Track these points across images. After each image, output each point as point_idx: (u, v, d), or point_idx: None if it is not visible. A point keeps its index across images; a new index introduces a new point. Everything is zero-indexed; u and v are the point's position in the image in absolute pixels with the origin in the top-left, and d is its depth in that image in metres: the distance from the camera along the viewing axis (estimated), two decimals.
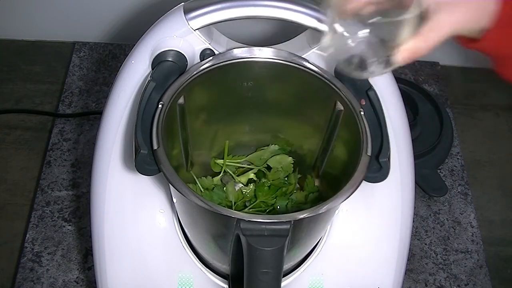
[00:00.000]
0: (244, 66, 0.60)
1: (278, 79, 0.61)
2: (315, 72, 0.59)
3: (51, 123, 1.04)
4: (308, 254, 0.65)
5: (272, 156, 0.69)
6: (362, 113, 0.56)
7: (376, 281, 0.66)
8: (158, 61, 0.60)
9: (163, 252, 0.65)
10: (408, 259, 0.78)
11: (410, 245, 0.69)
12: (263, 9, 0.59)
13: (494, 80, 0.57)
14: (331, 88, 0.58)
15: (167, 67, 0.59)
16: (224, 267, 0.64)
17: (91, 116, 1.05)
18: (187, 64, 0.60)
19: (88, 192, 0.66)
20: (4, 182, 0.97)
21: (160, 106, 0.55)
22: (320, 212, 0.50)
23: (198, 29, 0.60)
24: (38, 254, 0.88)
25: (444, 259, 0.93)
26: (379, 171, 0.53)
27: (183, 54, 0.60)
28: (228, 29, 0.64)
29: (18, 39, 1.16)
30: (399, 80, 0.64)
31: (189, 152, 0.66)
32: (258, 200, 0.67)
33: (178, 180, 0.51)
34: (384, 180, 0.54)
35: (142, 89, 0.56)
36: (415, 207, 0.81)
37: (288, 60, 0.59)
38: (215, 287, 0.66)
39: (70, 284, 0.86)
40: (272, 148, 0.69)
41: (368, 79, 0.58)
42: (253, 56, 0.60)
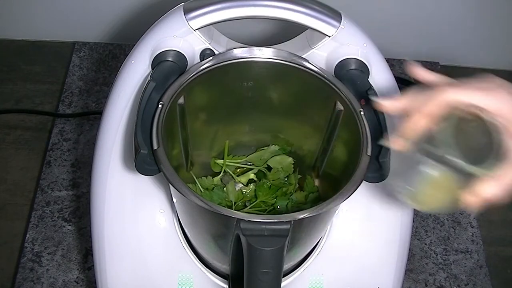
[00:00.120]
0: (244, 66, 0.60)
1: (278, 79, 0.61)
2: (315, 72, 0.59)
3: (51, 123, 1.04)
4: (308, 254, 0.65)
5: (272, 157, 0.69)
6: (362, 113, 0.56)
7: (376, 281, 0.66)
8: (158, 61, 0.60)
9: (163, 252, 0.65)
10: (408, 259, 0.79)
11: (410, 245, 0.69)
12: (263, 9, 0.59)
13: None
14: (331, 88, 0.58)
15: (167, 67, 0.59)
16: (224, 267, 0.63)
17: (91, 116, 1.05)
18: (187, 64, 0.60)
19: (88, 192, 0.66)
20: (4, 182, 0.97)
21: (160, 106, 0.55)
22: (320, 212, 0.50)
23: (198, 29, 0.59)
24: (38, 254, 0.88)
25: (444, 259, 0.93)
26: (379, 171, 0.53)
27: (183, 54, 0.60)
28: (228, 29, 0.64)
29: (18, 39, 1.16)
30: (398, 80, 0.64)
31: (189, 152, 0.66)
32: (258, 200, 0.67)
33: (178, 180, 0.51)
34: (384, 180, 0.54)
35: (142, 89, 0.56)
36: None
37: (288, 60, 0.59)
38: (215, 287, 0.66)
39: (70, 284, 0.86)
40: (272, 148, 0.69)
41: (370, 82, 0.59)
42: (253, 56, 0.60)
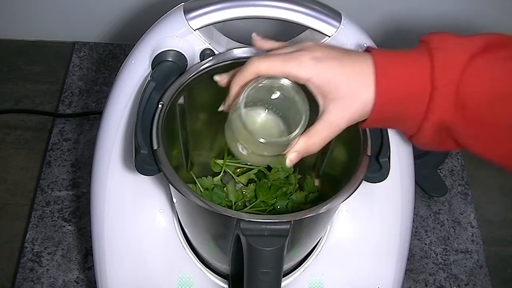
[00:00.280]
0: None
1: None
2: None
3: (51, 123, 1.04)
4: (308, 254, 0.65)
5: None
6: None
7: (376, 281, 0.66)
8: (158, 61, 0.60)
9: (163, 252, 0.65)
10: (408, 259, 0.79)
11: (410, 245, 0.69)
12: (263, 9, 0.59)
13: None
14: None
15: (167, 67, 0.59)
16: (224, 267, 0.63)
17: (91, 116, 1.05)
18: (187, 64, 0.60)
19: (88, 192, 0.66)
20: (4, 182, 0.97)
21: (160, 106, 0.55)
22: (320, 212, 0.50)
23: (198, 29, 0.59)
24: (38, 254, 0.88)
25: (444, 259, 0.93)
26: (379, 171, 0.53)
27: (183, 54, 0.60)
28: (228, 29, 0.64)
29: (18, 39, 1.16)
30: None
31: (189, 152, 0.66)
32: (258, 200, 0.67)
33: (178, 180, 0.51)
34: (384, 180, 0.54)
35: (142, 89, 0.56)
36: (415, 207, 0.81)
37: None
38: (215, 287, 0.66)
39: (70, 284, 0.86)
40: None
41: None
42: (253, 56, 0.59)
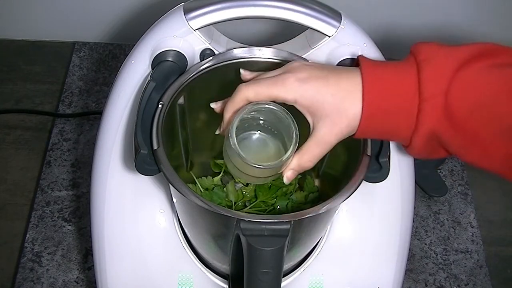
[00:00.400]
0: (244, 66, 0.59)
1: None
2: None
3: (51, 123, 1.04)
4: (308, 254, 0.65)
5: None
6: None
7: (376, 281, 0.66)
8: (158, 61, 0.60)
9: (163, 252, 0.65)
10: (408, 259, 0.79)
11: (410, 245, 0.69)
12: (263, 9, 0.58)
13: None
14: None
15: (167, 67, 0.59)
16: (224, 267, 0.63)
17: (91, 116, 1.05)
18: (187, 64, 0.60)
19: (88, 192, 0.66)
20: (4, 182, 0.97)
21: (160, 106, 0.55)
22: (320, 212, 0.50)
23: (198, 29, 0.59)
24: (38, 254, 0.88)
25: (444, 259, 0.93)
26: (379, 171, 0.53)
27: (183, 54, 0.60)
28: (228, 29, 0.64)
29: (18, 39, 1.16)
30: None
31: (189, 152, 0.66)
32: (258, 200, 0.67)
33: (178, 180, 0.51)
34: (384, 180, 0.54)
35: (142, 89, 0.56)
36: (415, 207, 0.81)
37: (288, 60, 0.59)
38: (215, 287, 0.66)
39: (70, 284, 0.86)
40: None
41: None
42: (253, 56, 0.60)
